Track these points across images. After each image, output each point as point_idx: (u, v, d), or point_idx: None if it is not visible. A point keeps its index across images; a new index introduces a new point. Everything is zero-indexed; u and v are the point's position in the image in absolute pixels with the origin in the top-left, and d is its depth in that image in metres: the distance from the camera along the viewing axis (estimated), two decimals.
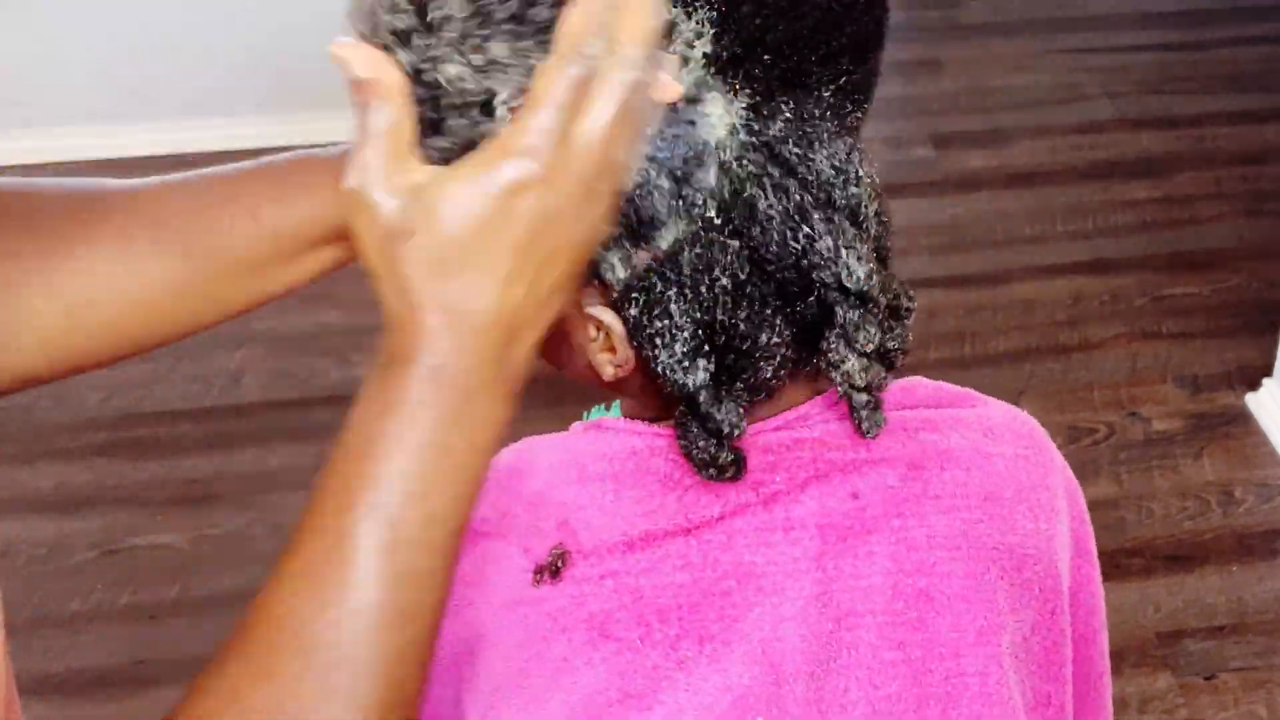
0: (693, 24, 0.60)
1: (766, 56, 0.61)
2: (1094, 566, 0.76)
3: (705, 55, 0.60)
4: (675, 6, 0.60)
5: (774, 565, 0.65)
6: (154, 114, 2.99)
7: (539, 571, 0.66)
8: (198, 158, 2.95)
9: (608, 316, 0.63)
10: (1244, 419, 2.18)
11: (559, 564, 0.65)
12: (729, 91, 0.60)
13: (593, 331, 0.64)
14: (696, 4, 0.60)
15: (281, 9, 2.91)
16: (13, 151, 3.00)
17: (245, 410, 2.28)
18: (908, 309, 0.66)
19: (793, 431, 0.68)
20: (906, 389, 0.73)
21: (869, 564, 0.65)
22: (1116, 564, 1.92)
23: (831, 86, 0.63)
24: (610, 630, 0.64)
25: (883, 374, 0.65)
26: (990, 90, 3.14)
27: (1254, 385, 2.22)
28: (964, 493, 0.67)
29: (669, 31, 0.59)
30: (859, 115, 0.65)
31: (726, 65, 0.60)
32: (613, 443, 0.68)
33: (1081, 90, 3.11)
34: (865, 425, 0.66)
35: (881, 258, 0.65)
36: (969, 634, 0.66)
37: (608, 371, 0.65)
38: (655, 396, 0.66)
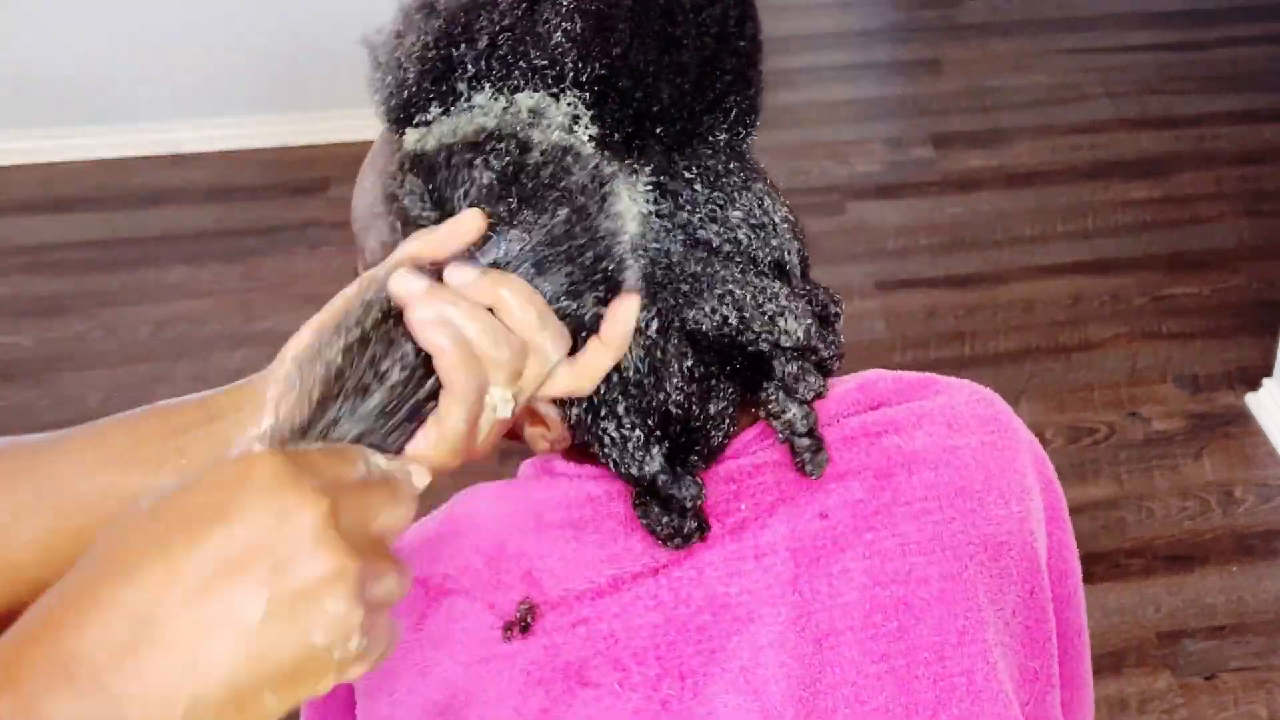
0: (563, 107, 0.56)
1: (658, 128, 0.58)
2: (1066, 531, 0.75)
3: (592, 138, 0.55)
4: (537, 91, 0.56)
5: (748, 594, 0.64)
6: (154, 114, 2.99)
7: (509, 627, 0.64)
8: (198, 158, 2.95)
9: (550, 411, 0.62)
10: (1244, 419, 2.18)
11: (528, 618, 0.64)
12: (630, 175, 0.57)
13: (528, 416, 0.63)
14: (563, 86, 0.56)
15: (282, 9, 2.91)
16: (13, 151, 3.00)
17: None
18: (836, 314, 0.64)
19: (751, 457, 0.66)
20: (866, 387, 0.71)
21: (845, 581, 0.64)
22: (1116, 564, 1.92)
23: (723, 127, 0.61)
24: (588, 677, 0.63)
25: (822, 386, 0.63)
26: (990, 90, 3.14)
27: (1254, 385, 2.22)
28: (934, 494, 0.66)
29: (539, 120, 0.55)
30: (753, 133, 0.63)
31: (619, 147, 0.56)
32: (568, 490, 0.66)
33: (1081, 90, 3.11)
34: (810, 469, 0.64)
35: (804, 273, 0.64)
36: (951, 635, 0.65)
37: (540, 446, 0.64)
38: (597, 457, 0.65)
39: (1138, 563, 1.93)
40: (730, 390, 0.62)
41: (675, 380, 0.60)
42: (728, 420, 0.63)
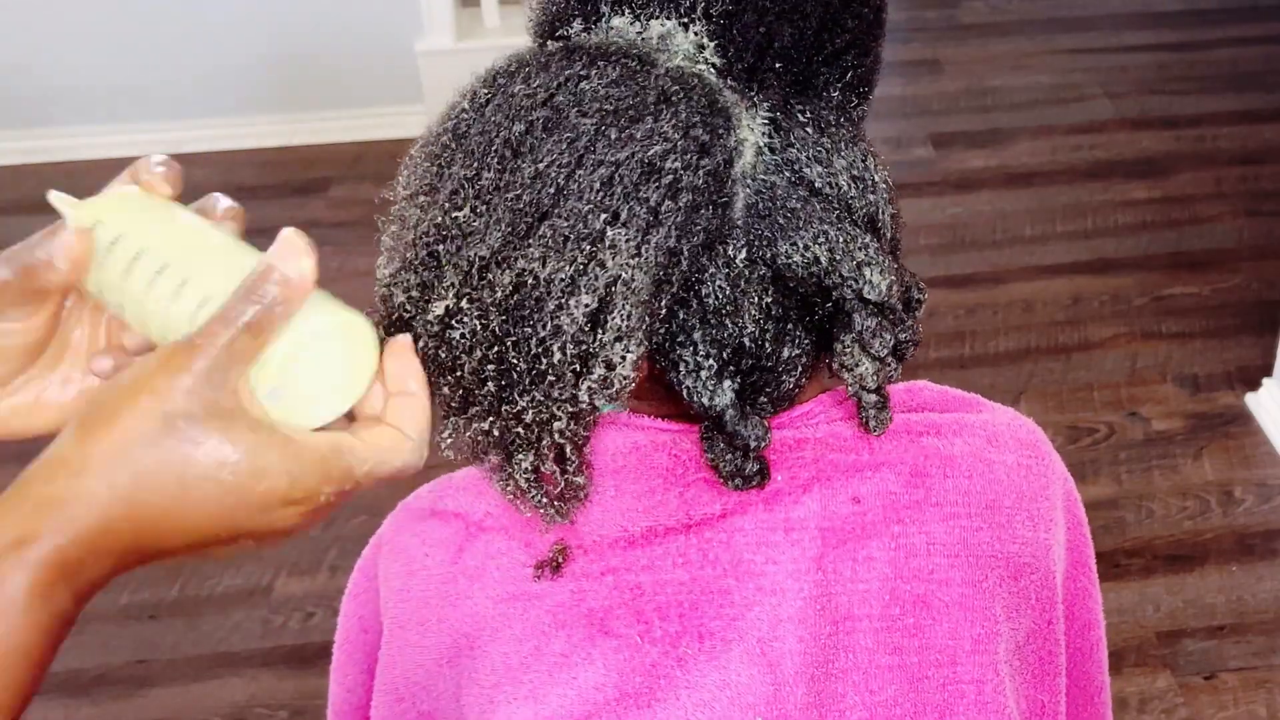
0: (690, 36, 0.60)
1: (778, 64, 0.60)
2: (1092, 581, 0.76)
3: (716, 68, 0.60)
4: (669, 19, 0.60)
5: (774, 565, 0.65)
6: (154, 114, 2.99)
7: (539, 567, 0.65)
8: (198, 157, 2.96)
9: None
10: (1244, 419, 2.18)
11: (560, 559, 0.65)
12: (750, 107, 0.60)
13: None
14: (694, 16, 0.60)
15: (282, 9, 2.91)
16: (12, 151, 3.01)
17: None
18: (918, 301, 0.66)
19: (796, 430, 0.67)
20: (911, 391, 0.72)
21: (868, 568, 0.65)
22: (1116, 564, 1.93)
23: (839, 85, 0.63)
24: (610, 627, 0.64)
25: (894, 370, 0.64)
26: (990, 90, 3.14)
27: (1254, 385, 2.22)
28: (965, 500, 0.67)
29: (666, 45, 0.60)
30: (864, 108, 0.65)
31: (741, 77, 0.60)
32: (616, 438, 0.68)
33: (1081, 90, 3.11)
34: (872, 424, 0.65)
35: (893, 253, 0.65)
36: (966, 642, 0.66)
37: None
38: (663, 399, 0.66)
39: (1138, 562, 1.93)
40: (805, 339, 0.63)
41: (753, 313, 0.60)
42: (800, 369, 0.63)
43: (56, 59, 2.92)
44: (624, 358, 0.56)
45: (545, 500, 0.61)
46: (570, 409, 0.57)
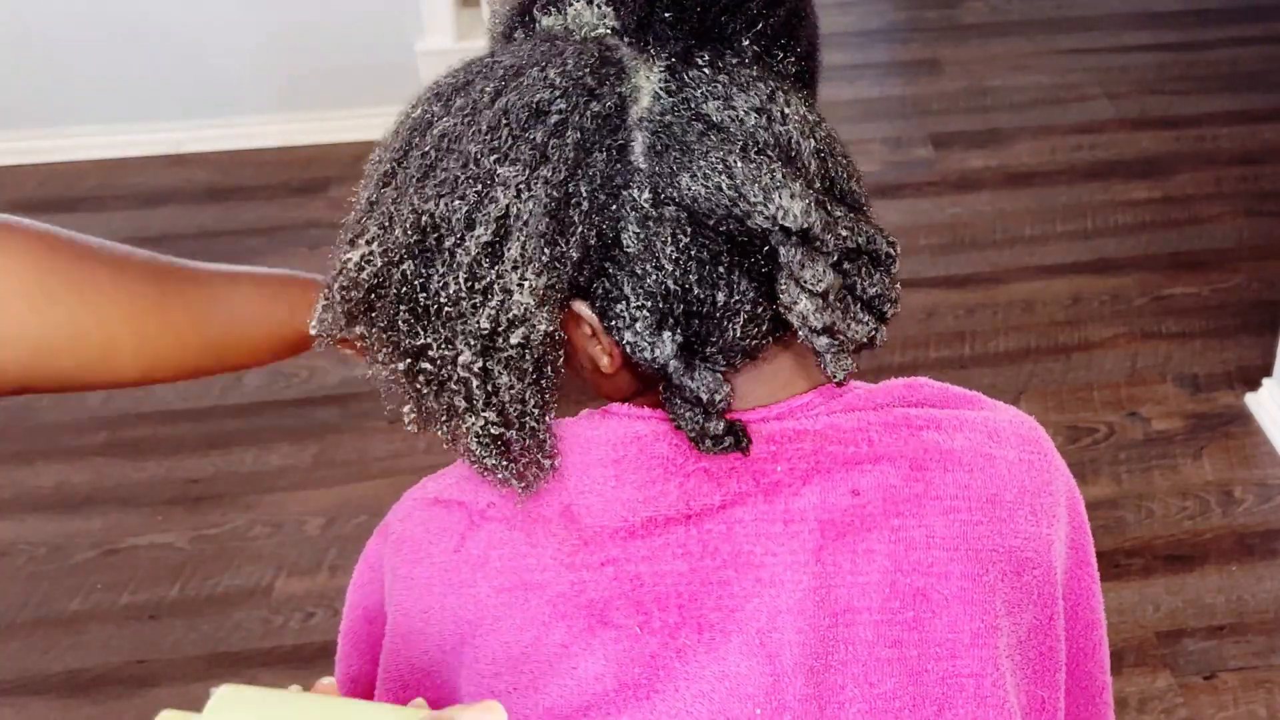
0: (594, 10, 0.64)
1: (666, 14, 0.63)
2: (1094, 579, 0.76)
3: (613, 28, 0.63)
4: (577, 0, 0.64)
5: (773, 556, 0.65)
6: (154, 114, 2.99)
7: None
8: (198, 158, 2.96)
9: (584, 310, 0.64)
10: (1244, 419, 2.18)
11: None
12: (647, 59, 0.62)
13: (586, 329, 0.65)
14: None
15: (283, 9, 2.91)
16: (12, 151, 3.00)
17: (245, 410, 2.28)
18: (888, 254, 0.64)
19: (795, 421, 0.67)
20: (912, 387, 0.72)
21: (867, 561, 0.65)
22: (1116, 564, 1.93)
23: (749, 34, 0.64)
24: (609, 618, 0.64)
25: (875, 331, 0.63)
26: (990, 90, 3.14)
27: (1254, 385, 2.22)
28: (965, 494, 0.67)
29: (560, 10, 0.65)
30: (792, 60, 0.66)
31: (636, 32, 0.63)
32: (616, 428, 0.68)
33: (1081, 90, 3.11)
34: (831, 368, 0.62)
35: (848, 202, 0.64)
36: (965, 635, 0.66)
37: (604, 362, 0.66)
38: (652, 387, 0.67)
39: (1137, 562, 1.93)
40: (743, 283, 0.62)
41: (671, 254, 0.61)
42: (744, 317, 0.63)
43: (57, 59, 2.92)
44: (521, 285, 0.60)
45: (509, 467, 0.64)
46: (473, 342, 0.61)
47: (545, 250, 0.59)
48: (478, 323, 0.60)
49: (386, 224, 0.61)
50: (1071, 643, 0.76)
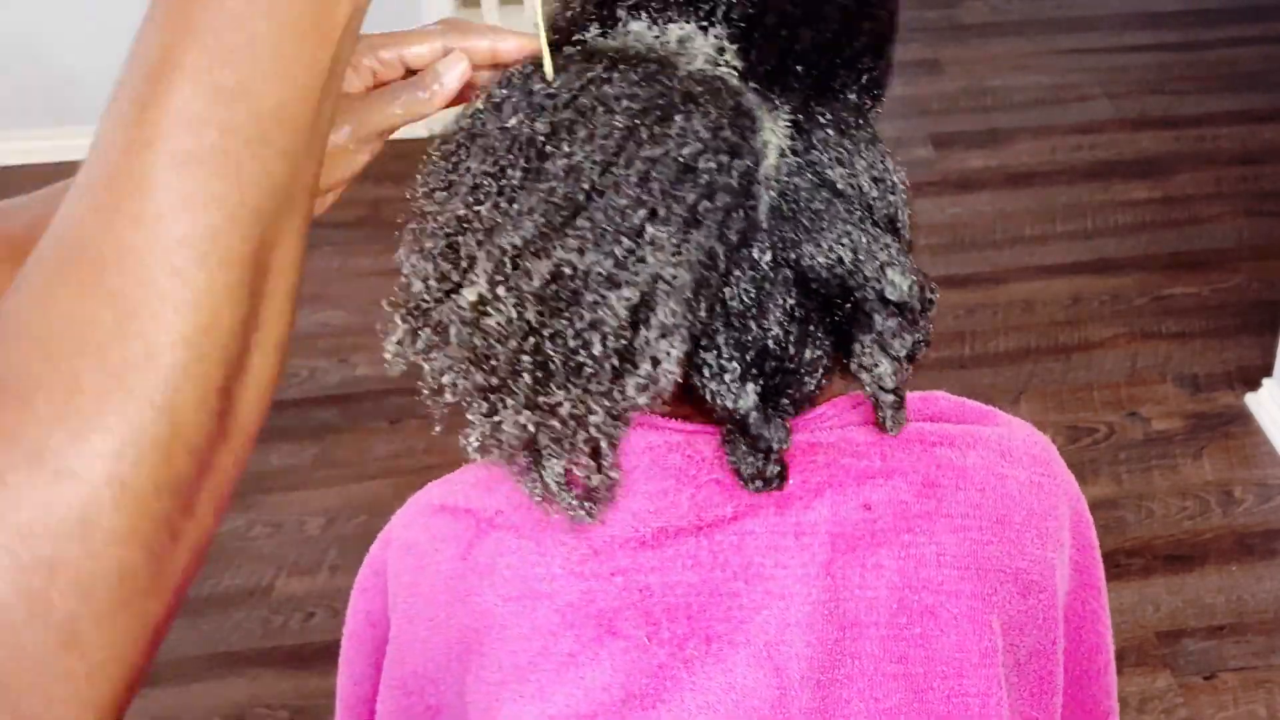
0: (709, 40, 0.59)
1: (798, 67, 0.61)
2: (1102, 605, 0.76)
3: (736, 70, 0.59)
4: (689, 22, 0.60)
5: (783, 569, 0.64)
6: None
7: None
8: None
9: None
10: (1244, 419, 2.18)
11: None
12: (771, 109, 0.60)
13: None
14: (714, 19, 0.59)
15: None
16: (13, 152, 3.00)
17: None
18: (930, 300, 0.65)
19: (809, 434, 0.67)
20: (927, 400, 0.72)
21: (876, 576, 0.65)
22: (1116, 564, 1.93)
23: (855, 87, 0.63)
24: (618, 628, 0.64)
25: (907, 371, 0.65)
26: (990, 90, 3.14)
27: (1254, 385, 2.22)
28: (976, 513, 0.67)
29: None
30: (878, 109, 0.66)
31: (763, 80, 0.60)
32: (630, 437, 0.67)
33: (1081, 90, 3.11)
34: (890, 424, 0.65)
35: (908, 250, 0.65)
36: (973, 655, 0.66)
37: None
38: (678, 399, 0.66)
39: (1137, 562, 1.93)
40: (825, 340, 0.63)
41: (777, 315, 0.61)
42: (820, 371, 0.64)
43: (57, 59, 2.92)
44: (668, 354, 0.56)
45: (575, 501, 0.60)
46: (608, 404, 0.57)
47: (688, 315, 0.57)
48: (624, 389, 0.56)
49: (509, 265, 0.55)
50: (1075, 667, 0.75)
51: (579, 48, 0.61)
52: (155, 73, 0.39)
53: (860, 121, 0.63)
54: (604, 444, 0.58)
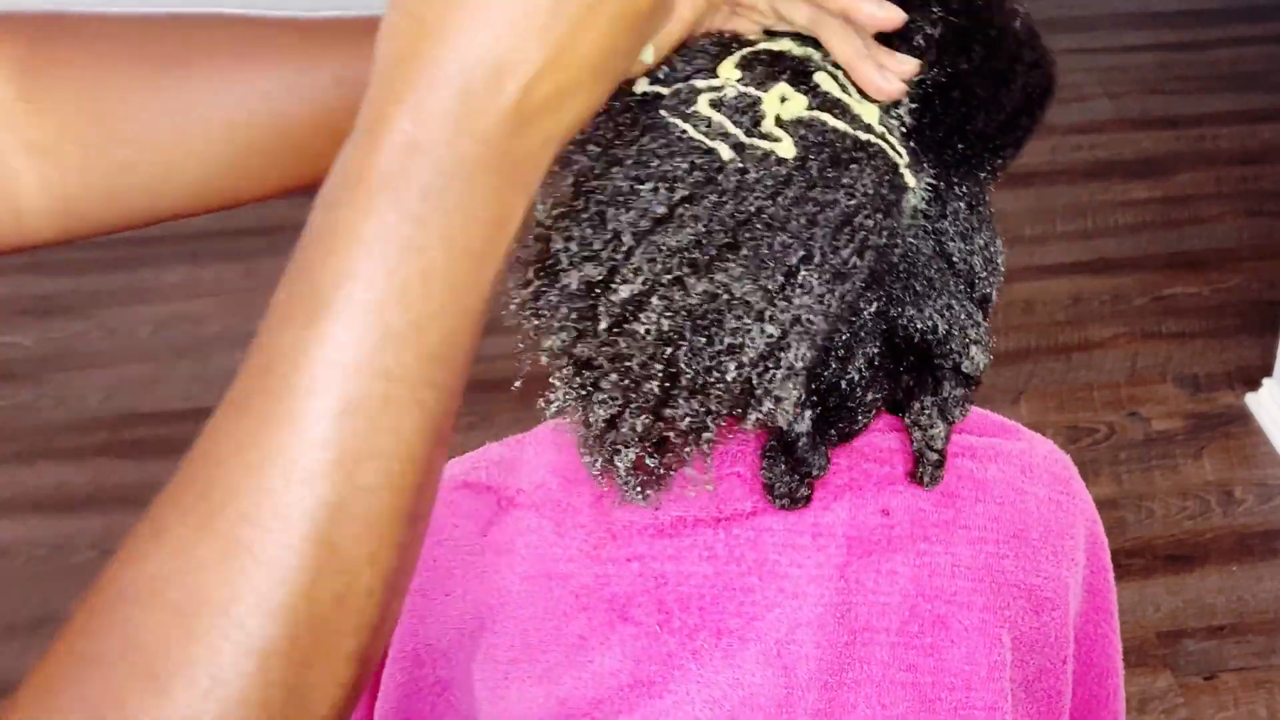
0: None
1: (961, 145, 0.61)
2: (1114, 629, 0.77)
3: (904, 126, 0.59)
4: None
5: (798, 568, 0.65)
6: None
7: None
8: None
9: None
10: (1244, 419, 2.18)
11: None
12: (918, 170, 0.59)
13: None
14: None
15: (283, 9, 2.91)
16: None
17: None
18: (981, 372, 0.67)
19: None
20: None
21: (890, 582, 0.65)
22: (1116, 564, 1.91)
23: (988, 171, 0.64)
24: (630, 614, 0.64)
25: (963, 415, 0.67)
26: None
27: (1254, 385, 2.22)
28: (995, 526, 0.67)
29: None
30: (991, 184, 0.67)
31: (927, 145, 0.60)
32: None
33: (1081, 90, 3.11)
34: (928, 480, 0.66)
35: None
36: (982, 667, 0.66)
37: None
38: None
39: (1138, 563, 1.93)
40: (886, 387, 0.64)
41: (859, 362, 0.61)
42: (873, 413, 0.65)
43: None
44: (789, 394, 0.56)
45: (637, 485, 0.60)
46: (721, 425, 0.56)
47: (813, 356, 0.56)
48: (744, 420, 0.56)
49: (661, 266, 0.54)
50: (1084, 689, 0.75)
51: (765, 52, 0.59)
52: (315, 308, 0.36)
53: (985, 199, 0.65)
54: (692, 447, 0.58)
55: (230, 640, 0.34)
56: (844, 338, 0.60)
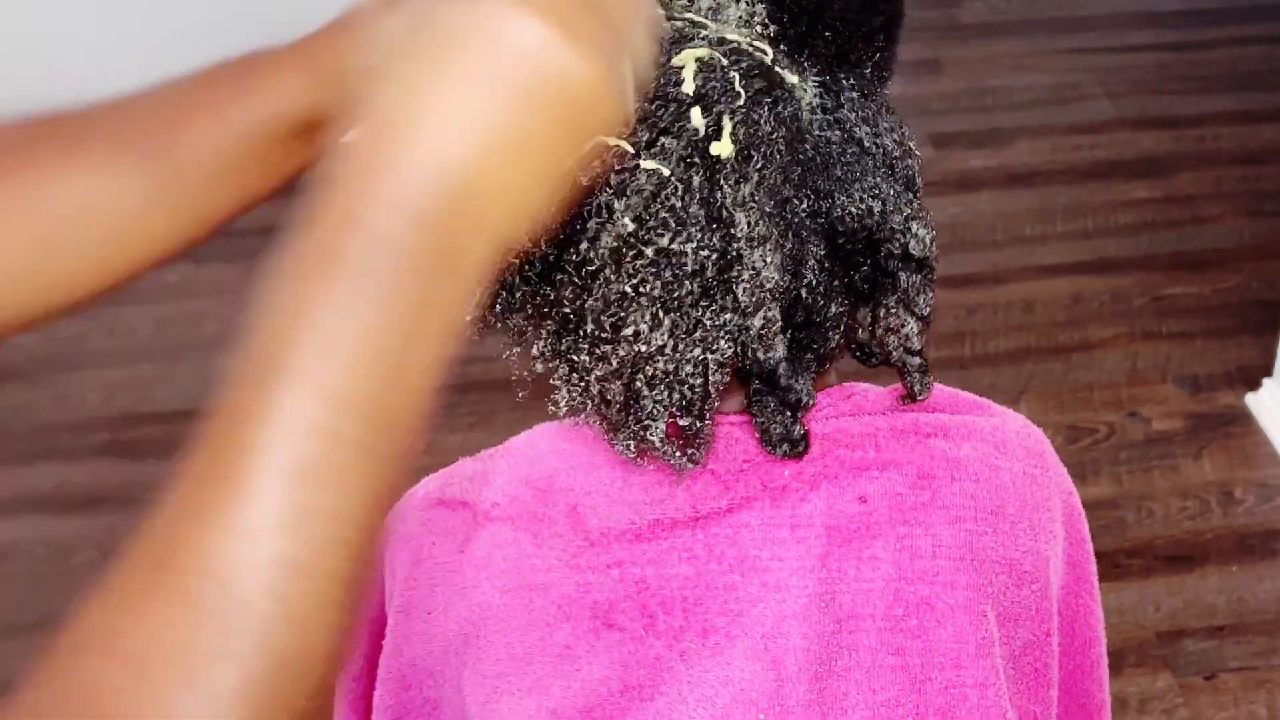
0: (741, 6, 0.62)
1: (827, 33, 0.63)
2: (1094, 599, 0.76)
3: (767, 36, 0.62)
4: None
5: (779, 561, 0.65)
6: None
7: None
8: None
9: None
10: (1244, 419, 2.18)
11: None
12: (800, 72, 0.62)
13: None
14: None
15: (283, 9, 2.91)
16: None
17: None
18: (935, 260, 0.68)
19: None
20: None
21: (872, 568, 0.65)
22: (1116, 564, 1.93)
23: (869, 63, 0.65)
24: (614, 620, 0.64)
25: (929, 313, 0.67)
26: (990, 90, 3.14)
27: (1254, 385, 2.22)
28: (972, 505, 0.67)
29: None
30: (885, 91, 0.68)
31: (793, 44, 0.62)
32: None
33: (1081, 90, 3.11)
34: (917, 388, 0.67)
35: None
36: (970, 646, 0.66)
37: None
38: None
39: (1138, 563, 1.93)
40: (846, 298, 0.65)
41: (811, 264, 0.62)
42: (841, 327, 0.65)
43: (58, 59, 2.92)
44: (764, 262, 0.58)
45: (678, 452, 0.62)
46: (713, 354, 0.58)
47: (776, 265, 0.59)
48: (733, 300, 0.58)
49: (641, 196, 0.56)
50: (1068, 661, 0.75)
51: None
52: (269, 372, 0.39)
53: (878, 91, 0.65)
54: (713, 392, 0.60)
55: (189, 689, 0.35)
56: (789, 246, 0.61)
